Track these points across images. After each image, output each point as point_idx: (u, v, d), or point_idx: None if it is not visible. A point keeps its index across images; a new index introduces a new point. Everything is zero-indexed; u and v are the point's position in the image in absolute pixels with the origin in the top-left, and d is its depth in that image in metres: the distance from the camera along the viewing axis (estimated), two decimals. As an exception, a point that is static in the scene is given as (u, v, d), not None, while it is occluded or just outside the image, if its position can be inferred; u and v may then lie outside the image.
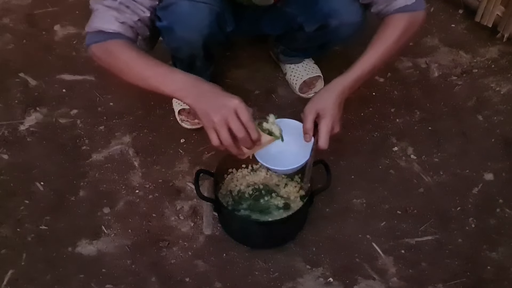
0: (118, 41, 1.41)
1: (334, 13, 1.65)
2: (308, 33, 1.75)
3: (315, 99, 1.49)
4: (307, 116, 1.46)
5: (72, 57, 2.15)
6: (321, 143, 1.43)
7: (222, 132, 1.28)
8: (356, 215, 1.70)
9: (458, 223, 1.68)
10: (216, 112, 1.27)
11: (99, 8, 1.42)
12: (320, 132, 1.44)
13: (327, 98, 1.47)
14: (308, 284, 1.55)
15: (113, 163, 1.81)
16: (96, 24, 1.42)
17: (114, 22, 1.41)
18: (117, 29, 1.41)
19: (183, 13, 1.49)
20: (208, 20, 1.53)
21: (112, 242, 1.63)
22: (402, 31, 1.51)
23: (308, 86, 2.02)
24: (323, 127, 1.44)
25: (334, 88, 1.48)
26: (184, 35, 1.55)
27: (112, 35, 1.41)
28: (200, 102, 1.30)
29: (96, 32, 1.43)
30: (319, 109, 1.45)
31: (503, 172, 1.80)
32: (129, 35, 1.43)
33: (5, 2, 2.36)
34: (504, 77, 2.10)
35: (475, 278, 1.56)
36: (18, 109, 1.96)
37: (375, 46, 1.51)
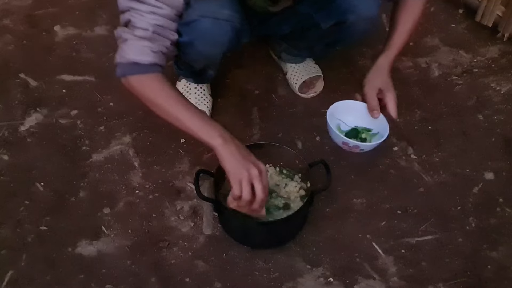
0: (155, 76, 1.42)
1: (353, 8, 1.66)
2: (322, 30, 1.74)
3: (371, 79, 1.69)
4: (371, 94, 1.66)
5: (72, 58, 2.16)
6: (394, 113, 1.66)
7: (246, 187, 1.36)
8: (356, 215, 1.70)
9: (458, 222, 1.68)
10: (247, 169, 1.36)
11: (130, 38, 1.40)
12: (390, 103, 1.66)
13: (382, 75, 1.69)
14: (308, 284, 1.55)
15: (113, 164, 1.82)
16: (130, 56, 1.40)
17: (149, 53, 1.39)
18: (152, 60, 1.40)
19: (205, 30, 1.50)
20: (229, 36, 1.56)
21: (112, 243, 1.63)
22: (421, 14, 1.71)
23: (308, 86, 2.02)
24: (391, 99, 1.66)
25: (383, 65, 1.70)
26: (204, 50, 1.57)
27: (148, 67, 1.41)
28: (234, 155, 1.37)
29: (130, 64, 1.41)
30: (379, 85, 1.66)
31: (503, 172, 1.80)
32: (162, 62, 1.44)
33: (5, 3, 2.37)
34: (505, 76, 2.10)
35: (475, 278, 1.56)
36: (18, 110, 1.96)
37: (404, 22, 1.70)
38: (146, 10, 1.37)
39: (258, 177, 1.36)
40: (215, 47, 1.59)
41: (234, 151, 1.37)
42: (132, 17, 1.38)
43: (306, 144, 1.88)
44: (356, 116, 1.74)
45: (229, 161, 1.37)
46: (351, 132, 1.76)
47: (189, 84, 1.93)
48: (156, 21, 1.38)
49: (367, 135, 1.74)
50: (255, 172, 1.36)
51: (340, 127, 1.76)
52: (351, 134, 1.75)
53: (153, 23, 1.38)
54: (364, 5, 1.65)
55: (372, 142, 1.71)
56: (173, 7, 1.40)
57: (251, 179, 1.36)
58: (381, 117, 1.68)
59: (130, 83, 1.43)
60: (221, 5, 1.51)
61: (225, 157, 1.37)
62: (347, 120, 1.77)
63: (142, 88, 1.43)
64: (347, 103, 1.75)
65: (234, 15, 1.54)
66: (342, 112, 1.75)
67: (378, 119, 1.68)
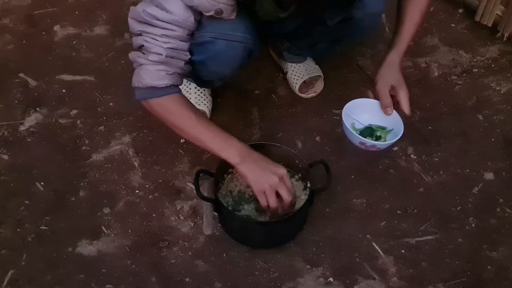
0: (174, 97, 1.48)
1: (360, 4, 1.65)
2: (328, 27, 1.73)
3: (383, 76, 1.68)
4: (383, 91, 1.66)
5: (72, 58, 2.16)
6: (407, 110, 1.65)
7: (271, 197, 1.44)
8: (356, 215, 1.70)
9: (458, 222, 1.68)
10: (268, 180, 1.43)
11: (144, 63, 1.43)
12: (403, 100, 1.66)
13: (394, 71, 1.68)
14: (308, 284, 1.55)
15: (113, 163, 1.81)
16: (147, 81, 1.44)
17: (165, 76, 1.44)
18: (169, 82, 1.45)
19: (218, 52, 1.52)
20: (241, 57, 1.59)
21: (112, 242, 1.63)
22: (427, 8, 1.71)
23: (308, 86, 2.02)
24: (404, 95, 1.66)
25: (394, 61, 1.69)
26: (216, 70, 1.61)
27: (165, 89, 1.46)
28: (253, 170, 1.44)
29: (147, 88, 1.45)
30: (391, 82, 1.66)
31: (503, 172, 1.80)
32: (179, 82, 1.50)
33: (5, 3, 2.36)
34: (504, 76, 2.10)
35: (475, 278, 1.56)
36: (18, 110, 1.96)
37: (410, 18, 1.71)
38: (159, 33, 1.40)
39: (280, 183, 1.43)
40: (227, 67, 1.62)
41: (252, 166, 1.44)
42: (145, 42, 1.41)
43: (306, 144, 1.88)
44: (370, 114, 1.75)
45: (249, 177, 1.44)
46: (365, 131, 1.76)
47: (189, 84, 1.93)
48: (169, 45, 1.41)
49: (382, 132, 1.74)
50: (275, 180, 1.42)
51: (354, 126, 1.76)
52: (365, 133, 1.75)
53: (166, 46, 1.40)
54: (370, 0, 1.66)
55: (387, 139, 1.72)
56: (185, 28, 1.42)
57: (274, 188, 1.43)
58: (395, 114, 1.69)
59: (151, 106, 1.50)
60: (235, 27, 1.51)
61: (245, 174, 1.45)
62: (361, 119, 1.77)
63: (161, 110, 1.49)
64: (360, 101, 1.76)
65: (248, 37, 1.55)
66: (355, 111, 1.75)
67: (392, 116, 1.69)
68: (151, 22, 1.39)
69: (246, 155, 1.45)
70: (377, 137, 1.74)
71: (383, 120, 1.74)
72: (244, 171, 1.45)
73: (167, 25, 1.39)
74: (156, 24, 1.39)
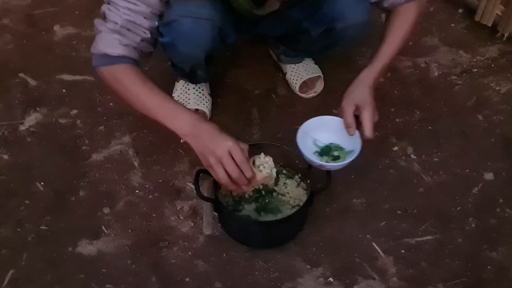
0: (125, 67, 1.44)
1: (340, 17, 1.65)
2: (313, 36, 1.75)
3: (350, 94, 1.56)
4: (347, 110, 1.54)
5: (72, 57, 2.16)
6: (368, 134, 1.51)
7: (218, 172, 1.35)
8: (356, 215, 1.70)
9: (458, 223, 1.68)
10: (212, 154, 1.34)
11: (103, 30, 1.43)
12: (365, 122, 1.51)
13: (362, 90, 1.56)
14: (308, 284, 1.55)
15: (113, 163, 1.81)
16: (100, 48, 1.43)
17: (118, 45, 1.42)
18: (121, 52, 1.42)
19: (185, 30, 1.51)
20: (210, 36, 1.56)
21: (112, 242, 1.63)
22: (415, 19, 1.62)
23: (308, 86, 2.02)
24: (366, 117, 1.51)
25: (366, 80, 1.58)
26: (186, 51, 1.58)
27: (117, 58, 1.43)
28: (198, 143, 1.37)
29: (101, 55, 1.44)
30: (357, 102, 1.53)
31: (503, 172, 1.80)
32: (133, 56, 1.46)
33: (5, 2, 2.36)
34: (504, 76, 2.10)
35: (475, 278, 1.56)
36: (18, 109, 1.96)
37: (394, 35, 1.61)
38: (122, 5, 1.40)
39: (227, 156, 1.34)
40: (196, 46, 1.59)
41: (198, 138, 1.37)
42: (108, 9, 1.42)
43: (306, 144, 1.88)
44: (331, 132, 1.61)
45: (196, 150, 1.38)
46: (324, 149, 1.63)
47: (187, 85, 1.93)
48: (128, 17, 1.41)
49: (340, 152, 1.61)
50: (221, 153, 1.34)
51: (317, 143, 1.64)
52: (323, 151, 1.62)
53: (124, 18, 1.40)
54: (351, 12, 1.65)
55: (346, 159, 1.56)
56: (149, 5, 1.42)
57: (219, 160, 1.34)
58: (357, 135, 1.55)
59: (103, 74, 1.47)
60: (201, 5, 1.51)
61: (194, 148, 1.38)
62: (321, 137, 1.63)
63: (111, 79, 1.45)
64: (323, 119, 1.63)
65: (214, 14, 1.54)
66: (317, 128, 1.62)
67: (354, 136, 1.55)
68: None
69: (193, 127, 1.37)
70: (334, 157, 1.61)
71: (343, 139, 1.60)
72: (191, 144, 1.39)
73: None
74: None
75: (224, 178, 1.36)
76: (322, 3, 1.65)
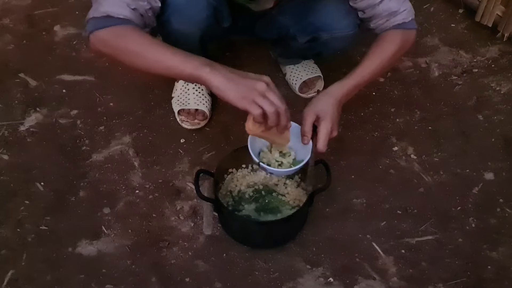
0: (129, 26, 1.33)
1: (326, 27, 1.66)
2: (300, 43, 1.76)
3: (314, 103, 1.51)
4: (306, 119, 1.47)
5: (72, 58, 2.15)
6: (319, 146, 1.45)
7: (265, 103, 1.21)
8: (356, 215, 1.70)
9: (458, 222, 1.68)
10: (252, 87, 1.21)
11: None
12: (320, 134, 1.45)
13: (326, 101, 1.50)
14: (308, 284, 1.55)
15: (113, 163, 1.81)
16: (105, 9, 1.32)
17: (125, 7, 1.32)
18: (128, 15, 1.32)
19: (180, 5, 1.48)
20: (205, 13, 1.53)
21: (112, 242, 1.63)
22: (399, 46, 1.56)
23: (308, 86, 2.02)
24: (322, 130, 1.46)
25: (333, 93, 1.52)
26: (181, 28, 1.53)
27: (122, 21, 1.32)
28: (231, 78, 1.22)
29: (103, 17, 1.32)
30: (318, 112, 1.47)
31: (503, 172, 1.80)
32: (138, 23, 1.36)
33: (5, 3, 2.36)
34: (504, 76, 2.10)
35: (475, 278, 1.56)
36: (18, 110, 1.96)
37: (373, 57, 1.56)
38: None
39: (268, 89, 1.23)
40: (191, 23, 1.54)
41: (228, 74, 1.23)
42: None
43: (306, 144, 1.88)
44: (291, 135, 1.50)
45: (227, 87, 1.22)
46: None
47: (187, 85, 1.93)
48: None
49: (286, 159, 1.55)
50: (262, 86, 1.22)
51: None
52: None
53: None
54: (337, 24, 1.64)
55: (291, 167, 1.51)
56: None
57: (263, 94, 1.22)
58: (310, 145, 1.48)
59: (102, 37, 1.34)
60: None
61: (221, 85, 1.22)
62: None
63: (113, 39, 1.33)
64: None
65: None
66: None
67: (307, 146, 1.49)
68: None
69: (216, 64, 1.25)
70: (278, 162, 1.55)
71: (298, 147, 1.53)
72: (218, 81, 1.22)
73: None
74: None
75: (273, 108, 1.22)
76: (310, 12, 1.66)
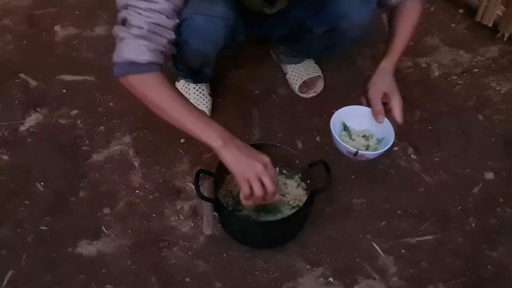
0: (154, 76, 1.40)
1: (345, 16, 1.66)
2: (316, 35, 1.75)
3: (376, 83, 1.62)
4: (375, 99, 1.60)
5: (72, 58, 2.16)
6: (399, 118, 1.59)
7: (256, 185, 1.36)
8: (356, 215, 1.70)
9: (458, 222, 1.68)
10: (252, 167, 1.36)
11: (126, 37, 1.38)
12: (396, 108, 1.59)
13: (387, 78, 1.63)
14: (308, 284, 1.55)
15: (113, 163, 1.82)
16: (127, 56, 1.38)
17: (146, 51, 1.37)
18: (150, 58, 1.38)
19: (199, 28, 1.51)
20: (223, 34, 1.57)
21: (112, 243, 1.63)
22: (420, 15, 1.69)
23: (308, 86, 2.02)
24: (397, 103, 1.59)
25: (387, 69, 1.64)
26: (199, 48, 1.58)
27: (146, 66, 1.39)
28: (236, 155, 1.37)
29: (127, 63, 1.39)
30: (384, 90, 1.60)
31: (503, 172, 1.80)
32: (160, 61, 1.42)
33: (5, 3, 2.37)
34: (505, 76, 2.10)
35: (475, 278, 1.56)
36: (18, 110, 1.96)
37: (404, 26, 1.66)
38: (143, 7, 1.35)
39: (264, 171, 1.36)
40: (209, 44, 1.59)
41: (235, 151, 1.36)
42: (129, 15, 1.37)
43: (306, 144, 1.88)
44: (360, 121, 1.68)
45: (232, 162, 1.37)
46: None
47: (188, 84, 1.93)
48: (151, 19, 1.36)
49: (371, 141, 1.67)
50: (260, 168, 1.36)
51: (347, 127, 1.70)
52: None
53: (148, 21, 1.36)
54: (356, 12, 1.65)
55: (379, 147, 1.65)
56: (170, 1, 1.38)
57: (258, 175, 1.36)
58: (386, 122, 1.63)
59: (130, 83, 1.41)
60: (214, 3, 1.51)
61: (228, 159, 1.37)
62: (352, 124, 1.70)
63: (141, 88, 1.41)
64: (350, 108, 1.69)
65: (227, 12, 1.54)
66: (346, 118, 1.69)
67: (383, 124, 1.62)
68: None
69: (229, 140, 1.38)
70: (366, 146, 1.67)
71: (374, 127, 1.67)
72: (226, 155, 1.37)
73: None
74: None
75: (260, 192, 1.37)
76: (327, 2, 1.65)
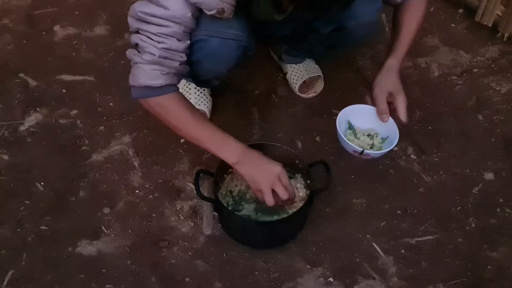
0: (170, 97, 1.47)
1: (351, 15, 1.66)
2: (322, 34, 1.75)
3: (381, 82, 1.63)
4: (381, 98, 1.62)
5: (72, 58, 2.16)
6: (404, 118, 1.61)
7: (267, 195, 1.46)
8: (356, 215, 1.70)
9: (458, 222, 1.68)
10: (264, 180, 1.45)
11: (139, 62, 1.43)
12: (401, 107, 1.61)
13: (393, 78, 1.64)
14: (308, 284, 1.55)
15: (113, 163, 1.81)
16: (142, 81, 1.44)
17: (159, 76, 1.43)
18: (164, 82, 1.44)
19: (212, 50, 1.52)
20: (235, 55, 1.59)
21: (112, 242, 1.63)
22: (424, 13, 1.72)
23: (308, 86, 2.02)
24: (401, 103, 1.61)
25: (393, 68, 1.65)
26: (212, 68, 1.61)
27: (161, 89, 1.45)
28: (250, 169, 1.47)
29: (142, 88, 1.46)
30: (389, 89, 1.61)
31: (503, 172, 1.80)
32: (175, 82, 1.49)
33: (5, 3, 2.36)
34: (504, 76, 2.10)
35: (475, 278, 1.56)
36: (18, 110, 1.96)
37: (408, 24, 1.68)
38: (154, 31, 1.39)
39: (275, 181, 1.45)
40: (222, 65, 1.62)
41: (249, 165, 1.46)
42: (140, 40, 1.41)
43: (306, 144, 1.88)
44: (365, 120, 1.70)
45: (246, 176, 1.47)
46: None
47: (188, 84, 1.93)
48: (163, 45, 1.40)
49: (376, 140, 1.69)
50: (270, 179, 1.44)
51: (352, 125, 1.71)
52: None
53: (159, 47, 1.40)
54: (363, 11, 1.65)
55: (383, 146, 1.67)
56: (181, 24, 1.41)
57: (269, 186, 1.45)
58: (391, 121, 1.64)
59: (149, 105, 1.50)
60: (228, 25, 1.51)
61: (242, 174, 1.47)
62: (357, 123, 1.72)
63: (158, 109, 1.49)
64: (355, 107, 1.70)
65: (241, 35, 1.55)
66: (351, 117, 1.71)
67: (387, 123, 1.64)
68: (147, 19, 1.39)
69: (243, 155, 1.47)
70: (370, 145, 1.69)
71: (379, 126, 1.69)
72: (241, 170, 1.47)
73: (163, 21, 1.38)
74: (152, 21, 1.38)
75: (271, 201, 1.46)
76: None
